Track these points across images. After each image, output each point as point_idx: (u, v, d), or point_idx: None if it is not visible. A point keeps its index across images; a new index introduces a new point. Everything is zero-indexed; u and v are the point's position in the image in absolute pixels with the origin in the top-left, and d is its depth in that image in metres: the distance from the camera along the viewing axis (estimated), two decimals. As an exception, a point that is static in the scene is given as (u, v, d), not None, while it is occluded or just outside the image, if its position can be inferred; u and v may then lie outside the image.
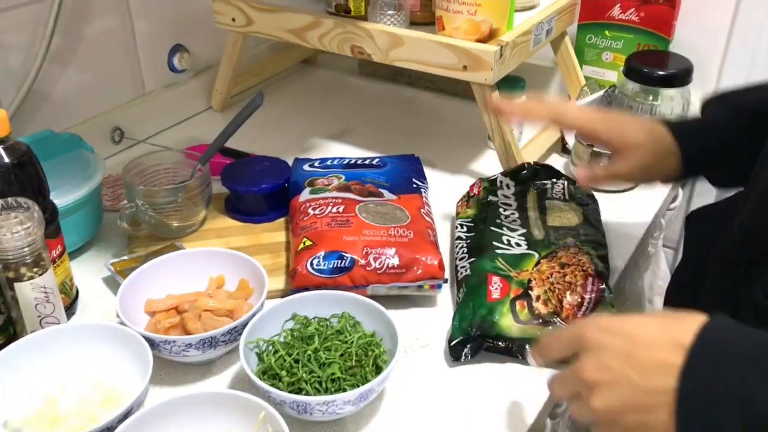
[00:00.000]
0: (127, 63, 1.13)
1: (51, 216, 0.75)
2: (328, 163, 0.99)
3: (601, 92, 1.11)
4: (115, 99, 1.13)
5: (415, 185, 0.95)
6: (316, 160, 1.00)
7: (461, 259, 0.86)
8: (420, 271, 0.80)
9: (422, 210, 0.89)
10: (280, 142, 1.14)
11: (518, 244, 0.85)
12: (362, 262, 0.79)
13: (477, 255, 0.84)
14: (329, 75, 1.41)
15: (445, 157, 1.11)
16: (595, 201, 0.96)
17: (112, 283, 0.85)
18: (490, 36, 0.98)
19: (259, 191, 0.93)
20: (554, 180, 0.96)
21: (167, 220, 0.89)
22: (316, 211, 0.86)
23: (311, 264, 0.79)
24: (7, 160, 0.70)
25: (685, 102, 1.10)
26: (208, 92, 1.26)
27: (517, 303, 0.77)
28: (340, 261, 0.79)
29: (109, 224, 0.93)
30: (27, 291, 0.70)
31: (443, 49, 0.98)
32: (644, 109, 1.10)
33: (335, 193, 0.89)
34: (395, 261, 0.79)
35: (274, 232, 0.92)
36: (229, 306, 0.76)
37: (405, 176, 0.96)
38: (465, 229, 0.90)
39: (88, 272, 0.87)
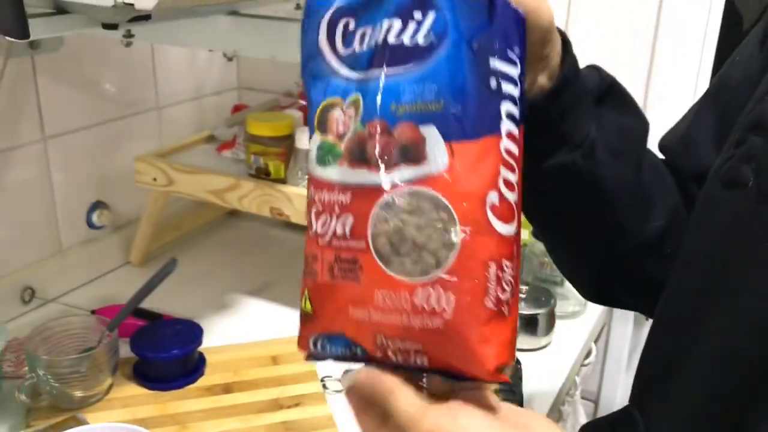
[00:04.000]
0: (44, 219, 1.13)
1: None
2: (357, 32, 0.48)
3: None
4: (29, 256, 1.11)
5: (503, 94, 0.46)
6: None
7: None
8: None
9: (489, 196, 0.44)
10: (199, 299, 1.13)
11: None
12: (378, 354, 0.46)
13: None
14: (254, 227, 1.43)
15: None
16: (518, 362, 0.96)
17: (5, 462, 0.80)
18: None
19: (169, 357, 0.91)
20: None
21: (70, 390, 0.86)
22: (318, 224, 0.49)
23: (315, 345, 0.49)
24: None
25: None
26: (128, 247, 1.25)
27: None
28: (348, 350, 0.48)
29: (10, 393, 0.89)
30: None
31: (358, 213, 1.01)
32: None
33: (342, 174, 0.47)
34: (423, 361, 0.45)
35: (183, 401, 0.89)
36: (126, 489, 0.72)
37: (484, 57, 0.46)
38: None
39: (-21, 449, 0.82)
